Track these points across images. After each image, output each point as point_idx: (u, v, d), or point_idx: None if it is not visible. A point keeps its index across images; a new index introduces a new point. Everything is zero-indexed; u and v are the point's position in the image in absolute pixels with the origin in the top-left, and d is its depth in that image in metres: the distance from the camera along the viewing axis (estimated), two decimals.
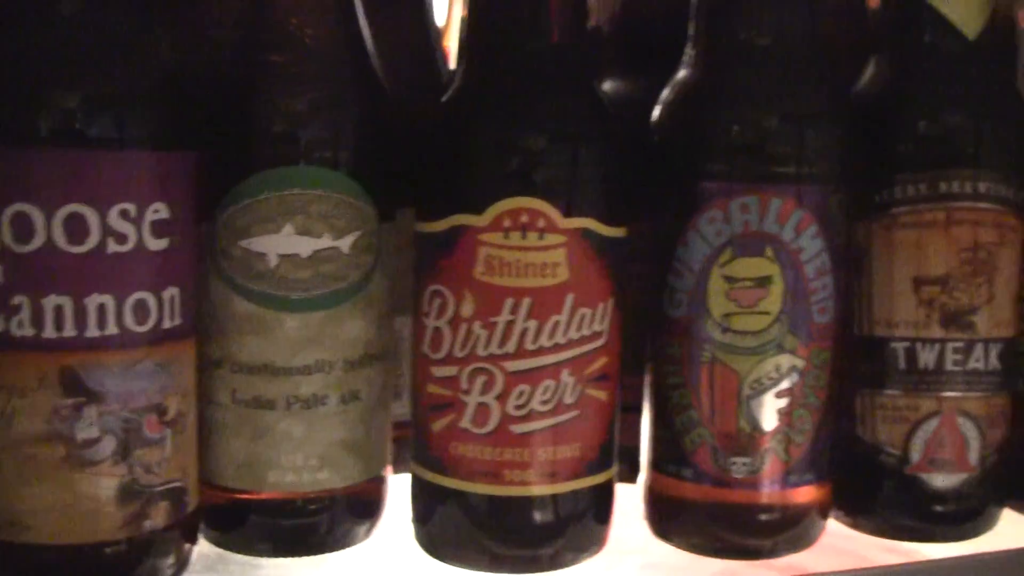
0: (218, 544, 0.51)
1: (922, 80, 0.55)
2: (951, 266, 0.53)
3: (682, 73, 0.53)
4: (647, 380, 0.54)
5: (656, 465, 0.53)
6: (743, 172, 0.50)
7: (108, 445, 0.43)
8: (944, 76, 0.55)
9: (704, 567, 0.53)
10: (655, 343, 0.53)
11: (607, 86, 0.63)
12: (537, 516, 0.50)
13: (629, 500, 0.55)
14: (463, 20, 0.51)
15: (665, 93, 0.53)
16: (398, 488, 0.54)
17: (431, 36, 0.64)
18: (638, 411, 0.54)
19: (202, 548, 0.50)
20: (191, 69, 0.47)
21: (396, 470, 0.55)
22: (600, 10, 0.65)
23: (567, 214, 0.47)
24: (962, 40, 0.54)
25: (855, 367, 0.55)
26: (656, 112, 0.53)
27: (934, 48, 0.55)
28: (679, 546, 0.54)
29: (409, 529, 0.53)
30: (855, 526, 0.57)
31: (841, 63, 0.56)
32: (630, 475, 0.55)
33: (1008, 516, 0.60)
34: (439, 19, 0.68)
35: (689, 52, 0.53)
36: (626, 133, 0.51)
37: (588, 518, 0.51)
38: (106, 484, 0.43)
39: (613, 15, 0.64)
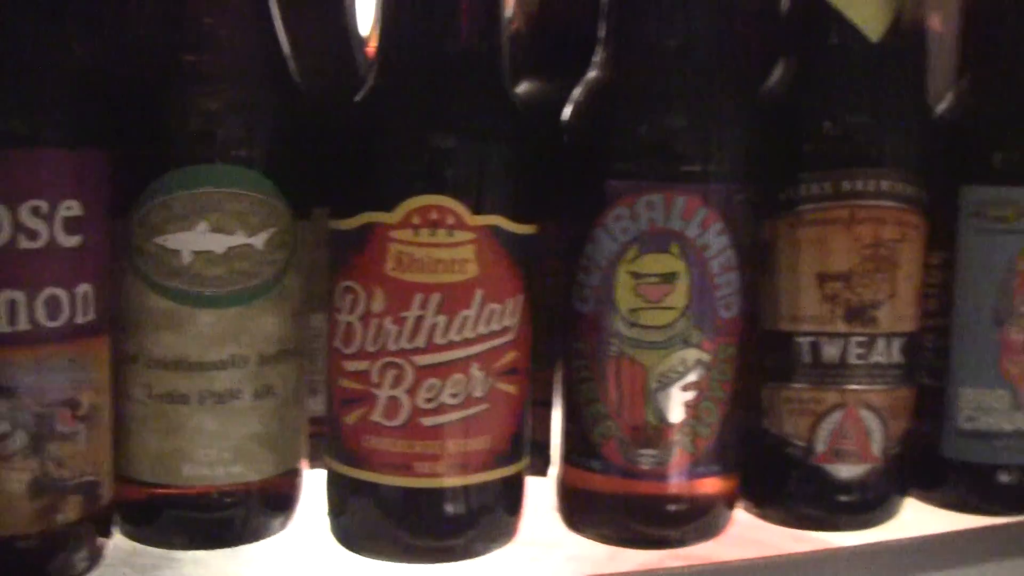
0: (133, 538, 0.52)
1: (826, 81, 0.57)
2: (854, 262, 0.55)
3: (592, 74, 0.54)
4: (558, 374, 0.54)
5: (567, 458, 0.55)
6: (649, 171, 0.51)
7: (19, 439, 0.44)
8: (848, 77, 0.57)
9: (627, 559, 0.54)
10: (565, 338, 0.54)
11: (524, 86, 0.64)
12: (448, 507, 0.51)
13: (545, 493, 0.56)
14: (378, 21, 0.52)
15: (576, 93, 0.54)
16: (315, 482, 0.55)
17: (350, 37, 0.65)
18: (549, 405, 0.55)
19: (117, 542, 0.51)
20: (106, 67, 0.47)
21: (313, 465, 0.55)
22: (517, 11, 0.66)
23: (476, 212, 0.48)
24: (865, 42, 0.56)
25: (762, 361, 0.57)
26: (566, 112, 0.54)
27: (838, 50, 0.57)
28: (590, 537, 0.55)
29: (324, 522, 0.53)
30: (763, 516, 0.59)
31: (748, 65, 0.58)
32: (542, 468, 0.56)
33: (911, 505, 0.62)
34: (368, 21, 0.69)
35: (599, 53, 0.54)
36: (538, 132, 0.52)
37: (499, 509, 0.52)
38: (17, 478, 0.44)
39: (530, 16, 0.65)
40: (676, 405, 0.52)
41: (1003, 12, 0.61)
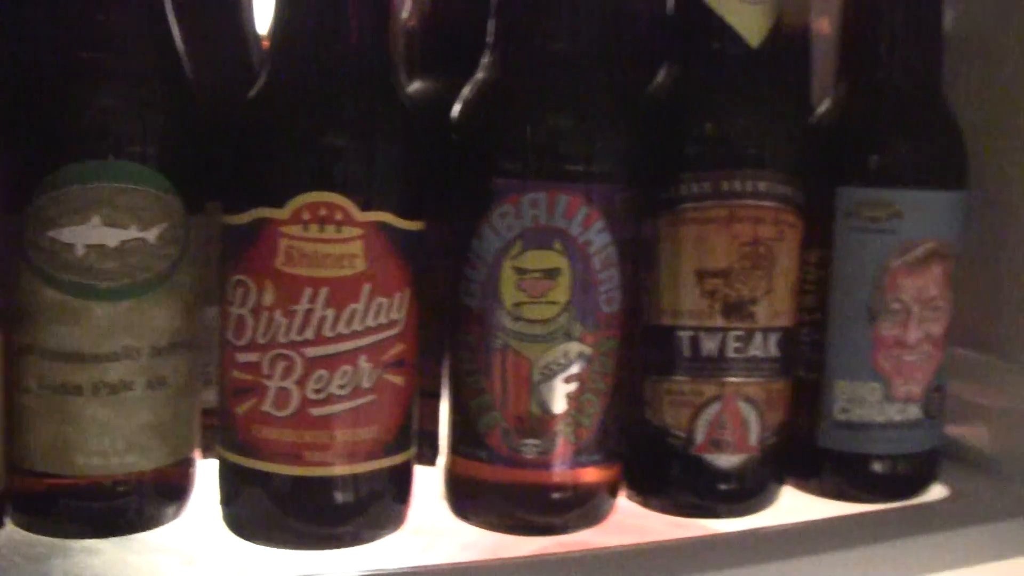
0: (27, 528, 0.53)
1: (708, 85, 0.60)
2: (732, 260, 0.58)
3: (480, 74, 0.57)
4: (445, 367, 0.57)
5: (454, 448, 0.57)
6: (533, 170, 0.54)
7: None
8: (728, 81, 0.59)
9: (519, 546, 0.56)
10: (452, 331, 0.56)
11: (417, 84, 0.66)
12: (337, 495, 0.53)
13: (435, 482, 0.59)
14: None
15: (464, 92, 0.57)
16: (208, 472, 0.56)
17: (246, 34, 0.67)
18: (438, 396, 0.58)
19: (10, 532, 0.52)
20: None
21: (207, 455, 0.57)
22: (412, 9, 0.68)
23: (364, 208, 0.50)
24: (745, 48, 0.59)
25: (644, 354, 0.60)
26: (455, 110, 0.56)
27: (719, 54, 0.59)
28: (477, 525, 0.57)
29: (216, 510, 0.55)
30: (646, 504, 0.62)
31: (633, 68, 0.61)
32: (432, 458, 0.59)
33: (790, 493, 0.65)
34: (265, 18, 0.70)
35: (487, 54, 0.56)
36: (427, 131, 0.54)
37: (387, 497, 0.54)
38: None
39: (424, 14, 0.68)
40: (559, 396, 0.55)
41: (877, 20, 0.64)
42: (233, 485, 0.54)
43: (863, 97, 0.65)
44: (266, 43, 0.63)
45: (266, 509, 0.53)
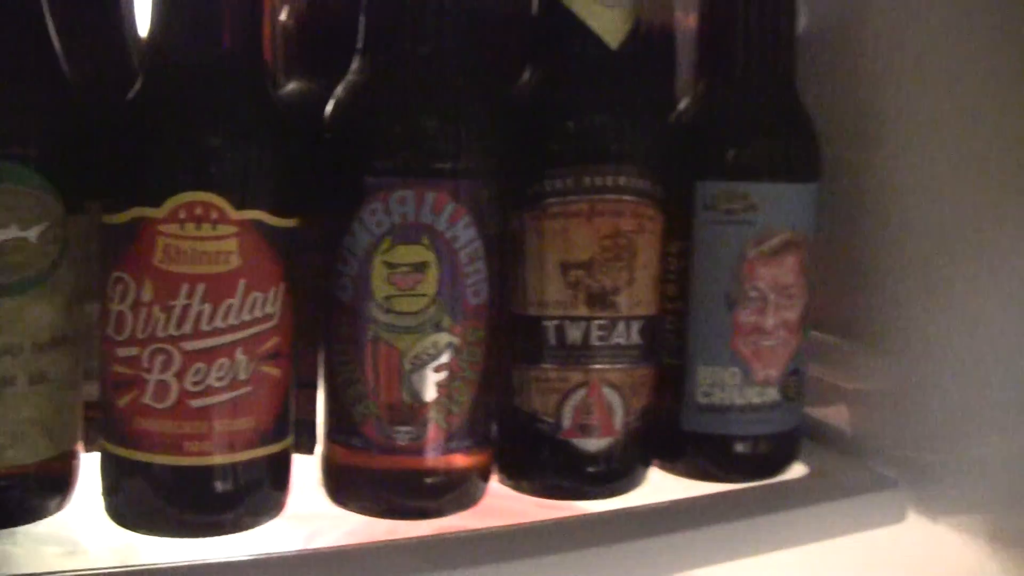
0: None
1: (570, 84, 0.63)
2: (594, 252, 0.62)
3: (351, 75, 0.60)
4: (321, 358, 0.60)
5: (330, 436, 0.60)
6: (401, 169, 0.57)
7: None
8: (589, 81, 0.63)
9: (399, 531, 0.59)
10: (326, 324, 0.59)
11: (293, 84, 0.69)
12: (217, 484, 0.56)
13: (313, 470, 0.62)
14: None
15: (337, 92, 0.60)
16: (91, 465, 0.58)
17: (126, 35, 0.69)
18: (315, 387, 0.61)
19: None
20: None
21: (89, 448, 0.59)
22: (288, 10, 0.71)
23: (239, 207, 0.53)
24: (606, 49, 0.63)
25: (512, 343, 0.63)
26: (327, 110, 0.59)
27: (580, 56, 0.63)
28: (353, 510, 0.60)
29: (99, 502, 0.57)
30: (517, 488, 0.65)
31: (498, 68, 0.65)
32: (310, 447, 0.62)
33: (657, 475, 0.69)
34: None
35: (357, 55, 0.60)
36: (300, 130, 0.57)
37: (266, 485, 0.57)
38: None
39: (299, 15, 0.70)
40: (429, 385, 0.58)
41: (733, 21, 0.68)
42: (115, 476, 0.56)
43: (720, 95, 0.69)
44: None
45: (148, 499, 0.56)
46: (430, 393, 0.58)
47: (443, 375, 0.58)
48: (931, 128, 0.71)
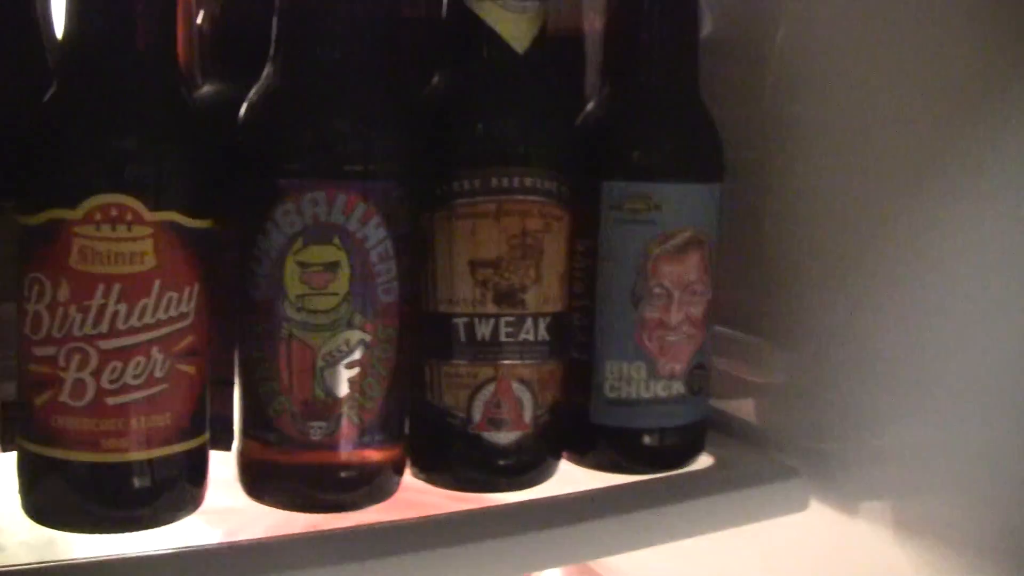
0: None
1: (478, 88, 0.66)
2: (502, 251, 0.64)
3: (264, 78, 0.62)
4: (236, 355, 0.62)
5: (245, 432, 0.62)
6: (312, 170, 0.59)
7: None
8: (497, 85, 0.66)
9: (317, 525, 0.61)
10: (242, 322, 0.61)
11: (208, 86, 0.71)
12: (134, 480, 0.57)
13: (231, 465, 0.64)
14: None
15: (250, 95, 0.62)
16: (10, 464, 0.60)
17: (42, 38, 0.70)
18: (232, 384, 0.63)
19: None
20: None
21: (8, 448, 0.61)
22: (204, 13, 0.73)
23: (153, 208, 0.55)
24: (513, 53, 0.65)
25: (424, 340, 0.65)
26: (241, 113, 0.61)
27: (488, 60, 0.65)
28: (269, 504, 0.62)
29: (17, 500, 0.59)
30: (430, 481, 0.67)
31: (407, 72, 0.67)
32: (228, 443, 0.64)
33: (568, 468, 0.72)
34: None
35: (270, 59, 0.62)
36: (215, 132, 0.59)
37: (183, 480, 0.59)
38: None
39: (214, 18, 0.72)
40: (342, 381, 0.60)
41: (637, 26, 0.71)
42: (33, 474, 0.58)
43: (625, 98, 0.72)
44: None
45: (65, 495, 0.57)
46: (343, 389, 0.60)
47: (355, 371, 0.60)
48: (829, 131, 0.74)
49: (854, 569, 0.72)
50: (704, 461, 0.76)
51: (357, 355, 0.60)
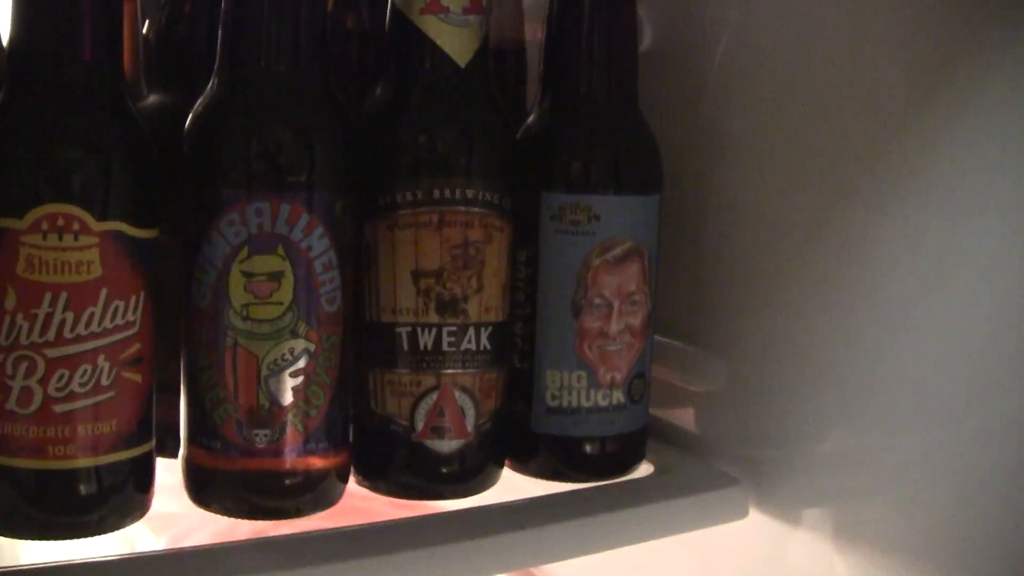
0: None
1: (420, 101, 0.68)
2: (444, 261, 0.66)
3: (208, 89, 0.64)
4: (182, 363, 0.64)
5: (191, 439, 0.64)
6: (256, 181, 0.61)
7: None
8: (439, 97, 0.68)
9: (265, 532, 0.64)
10: (187, 331, 0.63)
11: (154, 97, 0.73)
12: (81, 487, 0.59)
13: (178, 472, 0.65)
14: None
15: (195, 107, 0.64)
16: None
17: None
18: (177, 391, 0.65)
19: None
20: None
21: None
22: (149, 24, 0.75)
23: (100, 218, 0.57)
24: (454, 66, 0.68)
25: (367, 349, 0.67)
26: (187, 124, 0.63)
27: (430, 72, 0.67)
28: (214, 511, 0.64)
29: None
30: (374, 488, 0.69)
31: (350, 84, 0.70)
32: (175, 450, 0.66)
33: (511, 476, 0.74)
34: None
35: (214, 70, 0.64)
36: (160, 143, 0.61)
37: (129, 487, 0.61)
38: None
39: (159, 29, 0.74)
40: (286, 389, 0.63)
41: (575, 40, 0.74)
42: None
43: (564, 110, 0.74)
44: None
45: (12, 502, 0.59)
46: (287, 397, 0.63)
47: (300, 380, 0.63)
48: (766, 143, 0.77)
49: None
50: (644, 469, 0.78)
51: (301, 363, 0.62)
